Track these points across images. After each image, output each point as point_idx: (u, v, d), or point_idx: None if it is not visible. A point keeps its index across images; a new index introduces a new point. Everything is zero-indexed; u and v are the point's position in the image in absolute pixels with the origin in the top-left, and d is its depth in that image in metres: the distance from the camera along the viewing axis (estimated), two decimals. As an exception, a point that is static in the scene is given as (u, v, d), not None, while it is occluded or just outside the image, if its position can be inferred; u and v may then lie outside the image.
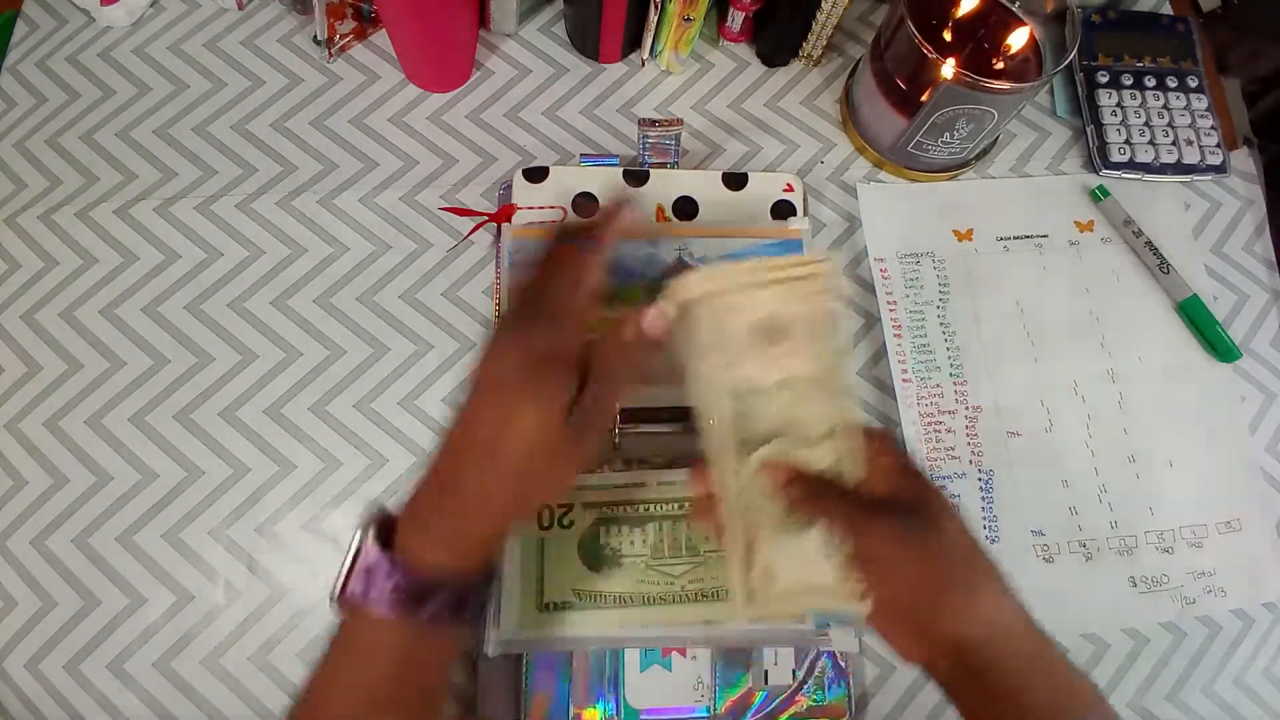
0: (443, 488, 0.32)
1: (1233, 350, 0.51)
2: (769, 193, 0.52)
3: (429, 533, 0.31)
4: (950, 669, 0.33)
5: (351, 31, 0.55)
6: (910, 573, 0.33)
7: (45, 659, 0.43)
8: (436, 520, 0.32)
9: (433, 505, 0.32)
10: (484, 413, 0.32)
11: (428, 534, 0.31)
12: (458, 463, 0.32)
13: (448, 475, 0.32)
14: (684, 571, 0.42)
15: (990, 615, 0.33)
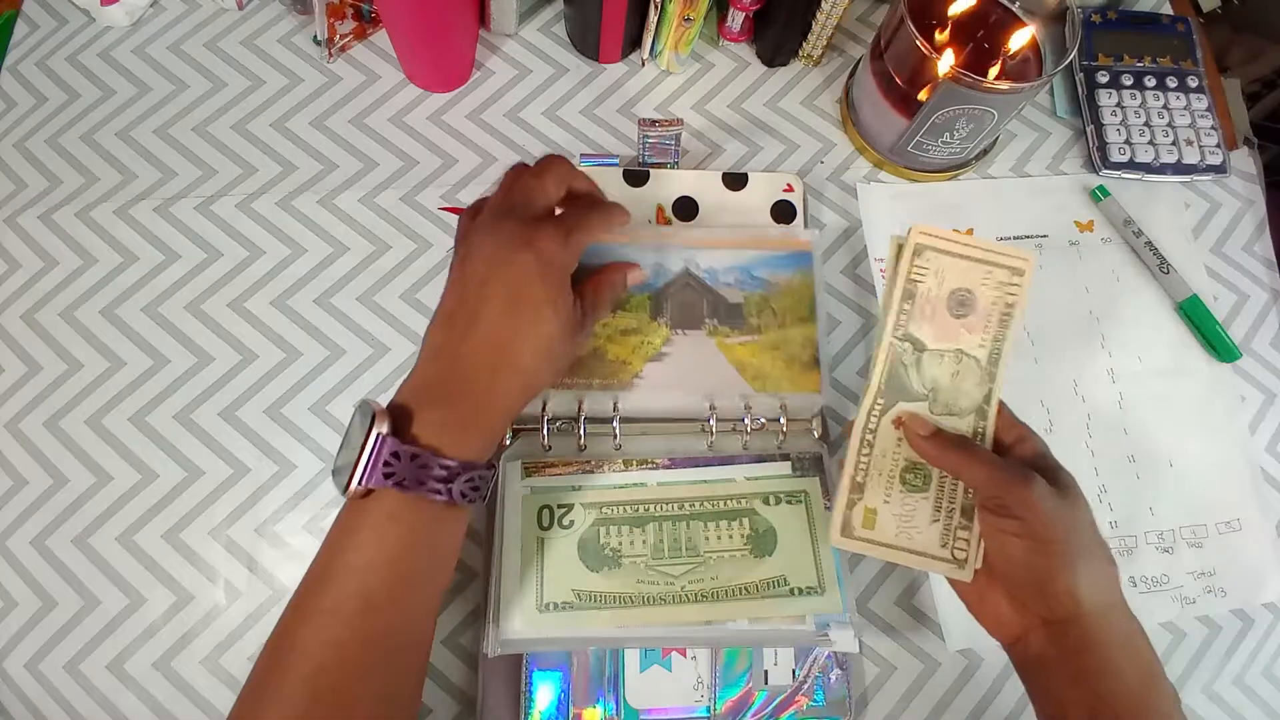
0: (456, 387, 0.34)
1: (1233, 350, 0.51)
2: (769, 193, 0.52)
3: (446, 427, 0.33)
4: (1044, 644, 0.34)
5: (351, 31, 0.55)
6: (1049, 534, 0.33)
7: (45, 659, 0.43)
8: (453, 416, 0.34)
9: (445, 402, 0.34)
10: (500, 318, 0.34)
11: (445, 428, 0.33)
12: (473, 365, 0.34)
13: (460, 375, 0.34)
14: (684, 571, 0.42)
15: (1103, 593, 0.34)
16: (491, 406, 0.35)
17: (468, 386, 0.34)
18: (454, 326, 0.35)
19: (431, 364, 0.35)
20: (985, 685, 0.45)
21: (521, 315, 0.34)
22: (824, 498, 0.44)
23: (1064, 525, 0.34)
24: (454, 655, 0.43)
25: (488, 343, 0.34)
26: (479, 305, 0.34)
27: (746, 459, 0.45)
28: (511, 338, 0.34)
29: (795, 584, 0.42)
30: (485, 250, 0.35)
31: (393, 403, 0.34)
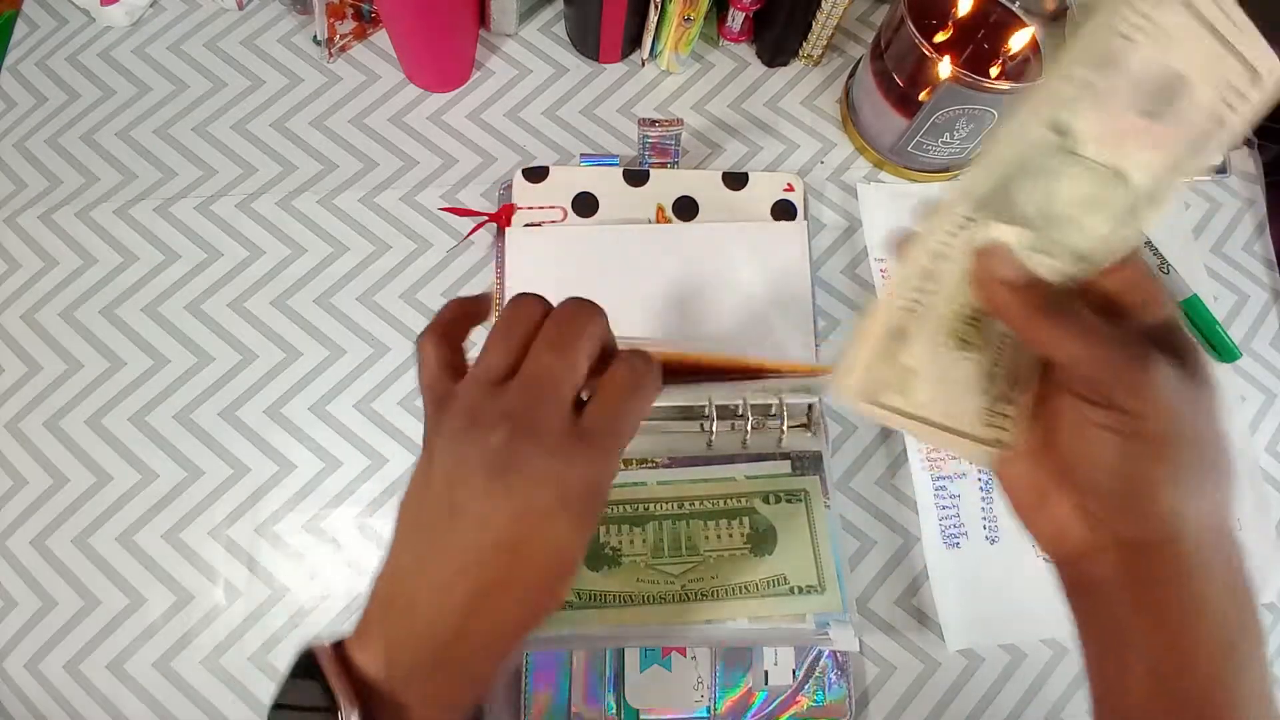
0: (446, 639, 0.25)
1: (1233, 350, 0.51)
2: (769, 192, 0.52)
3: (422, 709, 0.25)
4: (1115, 569, 0.27)
5: (351, 31, 0.55)
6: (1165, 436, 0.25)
7: (45, 659, 0.43)
8: (438, 680, 0.25)
9: (428, 664, 0.25)
10: (526, 595, 0.25)
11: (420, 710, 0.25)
12: (467, 606, 0.25)
13: (448, 623, 0.25)
14: (684, 570, 0.42)
15: (1210, 516, 0.26)
16: (483, 680, 0.27)
17: (459, 655, 0.25)
18: (441, 568, 0.25)
19: (407, 605, 0.25)
20: (985, 685, 0.45)
21: (557, 586, 0.26)
22: (824, 496, 0.44)
23: (1187, 424, 0.25)
24: (454, 655, 0.43)
25: (505, 622, 0.25)
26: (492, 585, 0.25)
27: (746, 458, 0.45)
28: (536, 611, 0.26)
29: (795, 583, 0.42)
30: (495, 503, 0.24)
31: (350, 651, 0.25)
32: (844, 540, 0.46)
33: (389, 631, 0.25)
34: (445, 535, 0.25)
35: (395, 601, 0.26)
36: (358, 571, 0.45)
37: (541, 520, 0.24)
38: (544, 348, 0.26)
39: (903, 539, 0.47)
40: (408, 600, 0.25)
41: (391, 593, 0.26)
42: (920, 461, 0.48)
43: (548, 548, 0.25)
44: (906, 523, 0.47)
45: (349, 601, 0.44)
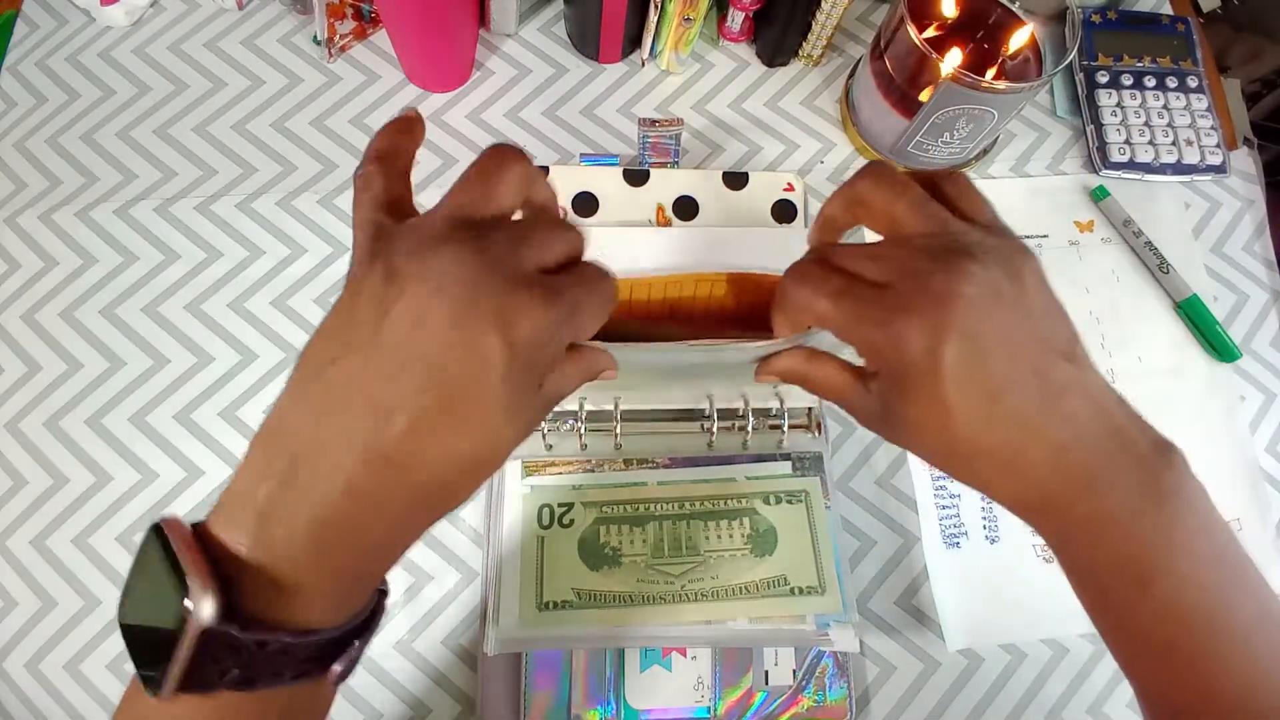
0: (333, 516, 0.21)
1: (1233, 350, 0.51)
2: (769, 192, 0.52)
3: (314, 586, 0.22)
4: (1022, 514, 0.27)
5: (351, 31, 0.55)
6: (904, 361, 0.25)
7: (45, 659, 0.43)
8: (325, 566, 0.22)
9: (314, 540, 0.21)
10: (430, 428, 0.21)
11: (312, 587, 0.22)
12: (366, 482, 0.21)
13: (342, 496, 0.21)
14: (684, 571, 0.42)
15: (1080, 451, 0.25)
16: (383, 547, 0.24)
17: (352, 514, 0.21)
18: (343, 410, 0.21)
19: (290, 465, 0.21)
20: (985, 685, 0.45)
21: (461, 426, 0.22)
22: (825, 497, 0.44)
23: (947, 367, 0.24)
24: (454, 655, 0.43)
25: (396, 452, 0.21)
26: (392, 390, 0.21)
27: (747, 458, 0.45)
28: (436, 453, 0.22)
29: (795, 583, 0.42)
30: (430, 305, 0.21)
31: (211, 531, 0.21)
32: (844, 540, 0.46)
33: (261, 498, 0.21)
34: (356, 371, 0.21)
35: (272, 463, 0.21)
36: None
37: (480, 367, 0.21)
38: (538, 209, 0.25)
39: (903, 539, 0.47)
40: (288, 460, 0.21)
41: (267, 454, 0.22)
42: (920, 461, 0.48)
43: (482, 402, 0.21)
44: (906, 523, 0.47)
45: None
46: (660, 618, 0.41)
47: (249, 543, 0.21)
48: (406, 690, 0.43)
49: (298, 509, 0.21)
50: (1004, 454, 0.25)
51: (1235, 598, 0.26)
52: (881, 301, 0.25)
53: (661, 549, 0.43)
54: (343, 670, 0.23)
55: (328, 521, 0.21)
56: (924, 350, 0.24)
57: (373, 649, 0.43)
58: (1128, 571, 0.26)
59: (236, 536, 0.21)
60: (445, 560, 0.45)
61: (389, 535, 0.23)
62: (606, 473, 0.44)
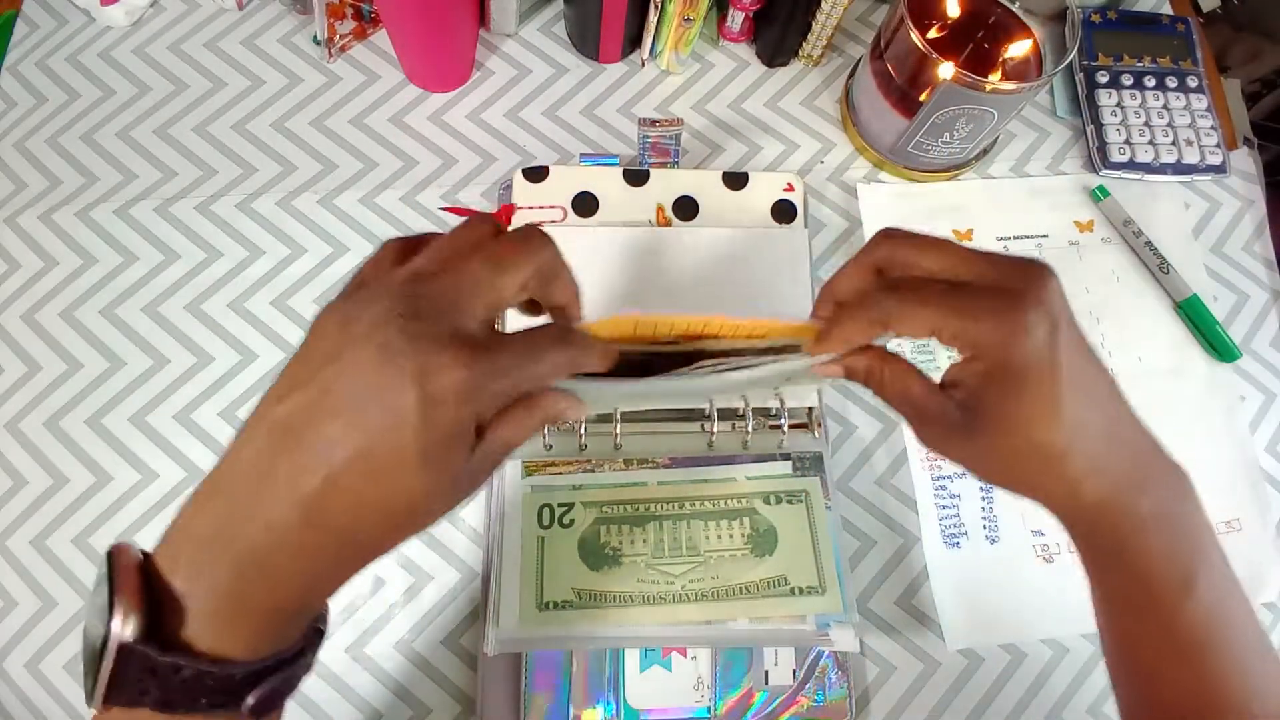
0: (251, 555, 0.22)
1: (1233, 350, 0.51)
2: (769, 193, 0.52)
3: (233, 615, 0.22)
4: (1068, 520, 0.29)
5: (351, 31, 0.55)
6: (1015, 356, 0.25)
7: (45, 659, 0.43)
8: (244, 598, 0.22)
9: (234, 573, 0.22)
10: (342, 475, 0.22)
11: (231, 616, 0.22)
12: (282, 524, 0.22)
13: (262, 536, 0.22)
14: (684, 571, 0.42)
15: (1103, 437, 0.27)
16: (306, 589, 0.24)
17: (273, 555, 0.22)
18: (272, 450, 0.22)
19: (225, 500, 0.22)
20: (985, 685, 0.45)
21: (377, 479, 0.22)
22: (825, 497, 0.44)
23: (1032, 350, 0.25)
24: (454, 655, 0.43)
25: (313, 498, 0.22)
26: (315, 434, 0.22)
27: (747, 459, 0.45)
28: (352, 505, 0.22)
29: (795, 584, 0.42)
30: (359, 353, 0.22)
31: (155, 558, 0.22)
32: (844, 540, 0.46)
33: (196, 532, 0.23)
34: (292, 415, 0.22)
35: (212, 499, 0.23)
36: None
37: (392, 418, 0.21)
38: (478, 257, 0.24)
39: (903, 539, 0.47)
40: (224, 498, 0.23)
41: (211, 489, 0.23)
42: (920, 461, 0.48)
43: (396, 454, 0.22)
44: (906, 523, 0.47)
45: (349, 600, 0.44)
46: (660, 618, 0.41)
47: (181, 573, 0.22)
48: (406, 690, 0.43)
49: (225, 546, 0.22)
50: (1094, 449, 0.26)
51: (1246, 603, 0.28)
52: (994, 296, 0.25)
53: (661, 549, 0.42)
54: (256, 703, 0.23)
55: (248, 560, 0.22)
56: (1041, 340, 0.25)
57: (373, 649, 0.43)
58: (1174, 569, 0.27)
59: (172, 566, 0.22)
60: (445, 560, 0.45)
61: (311, 578, 0.24)
62: (606, 473, 0.44)
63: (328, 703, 0.42)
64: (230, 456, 0.23)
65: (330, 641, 0.43)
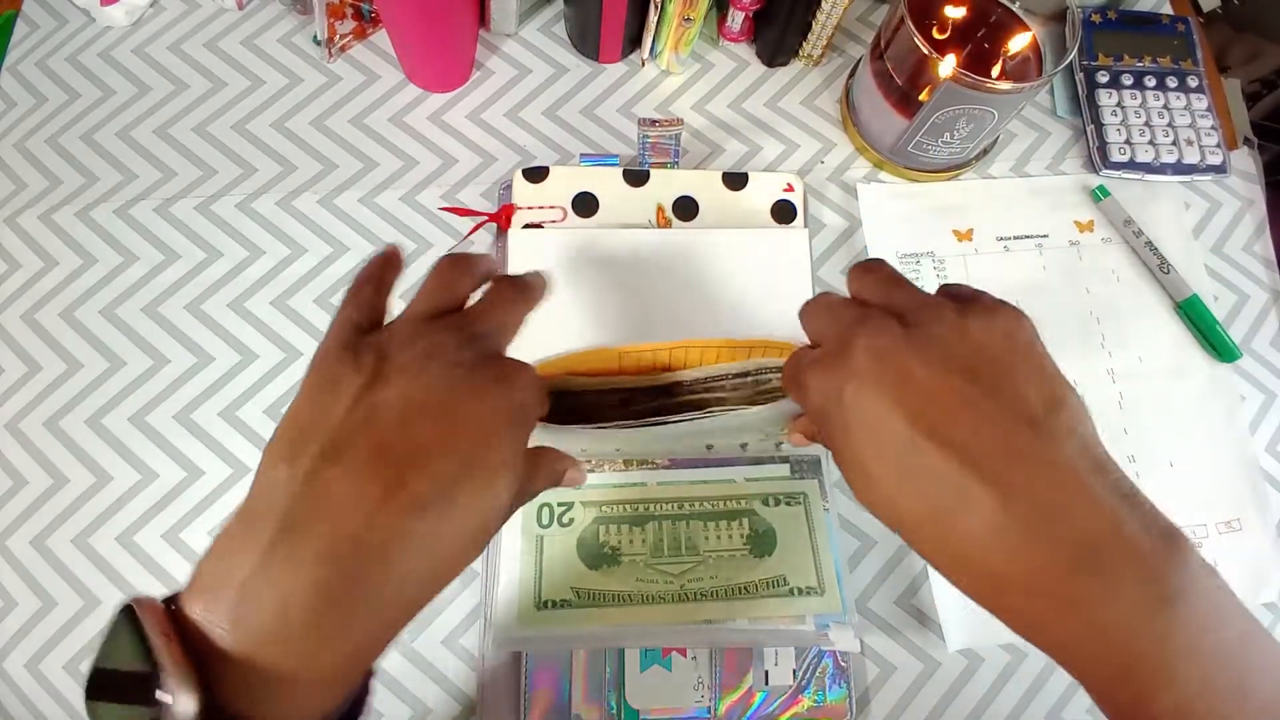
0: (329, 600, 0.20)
1: (1233, 350, 0.51)
2: (769, 193, 0.52)
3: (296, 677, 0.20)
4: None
5: (351, 31, 0.55)
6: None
7: (45, 659, 0.43)
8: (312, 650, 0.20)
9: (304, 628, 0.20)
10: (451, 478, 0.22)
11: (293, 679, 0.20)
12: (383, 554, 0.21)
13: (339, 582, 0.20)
14: (683, 571, 0.42)
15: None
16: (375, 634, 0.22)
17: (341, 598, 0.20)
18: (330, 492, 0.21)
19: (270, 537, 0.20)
20: (985, 685, 0.45)
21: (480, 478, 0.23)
22: (823, 499, 0.44)
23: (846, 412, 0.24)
24: (454, 655, 0.43)
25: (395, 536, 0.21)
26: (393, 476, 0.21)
27: (745, 461, 0.45)
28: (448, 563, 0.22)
29: (795, 584, 0.42)
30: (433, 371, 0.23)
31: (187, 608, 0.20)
32: (844, 540, 0.46)
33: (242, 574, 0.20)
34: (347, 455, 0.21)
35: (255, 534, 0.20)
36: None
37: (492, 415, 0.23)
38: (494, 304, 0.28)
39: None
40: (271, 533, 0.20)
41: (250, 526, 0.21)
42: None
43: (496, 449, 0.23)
44: (906, 523, 0.47)
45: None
46: (660, 617, 0.41)
47: (228, 626, 0.19)
48: (406, 690, 0.43)
49: (281, 587, 0.20)
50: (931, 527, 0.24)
51: (1251, 683, 0.22)
52: (804, 359, 0.26)
53: (661, 549, 0.43)
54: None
55: (314, 604, 0.20)
56: (831, 401, 0.24)
57: (373, 649, 0.43)
58: (1122, 687, 0.22)
59: (214, 618, 0.19)
60: (445, 560, 0.45)
61: (380, 619, 0.22)
62: (606, 473, 0.44)
63: (328, 703, 0.42)
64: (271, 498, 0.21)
65: (330, 641, 0.43)
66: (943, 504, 0.23)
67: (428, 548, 0.22)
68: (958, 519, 0.23)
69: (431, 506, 0.22)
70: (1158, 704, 0.21)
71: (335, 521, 0.20)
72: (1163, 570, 0.21)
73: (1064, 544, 0.22)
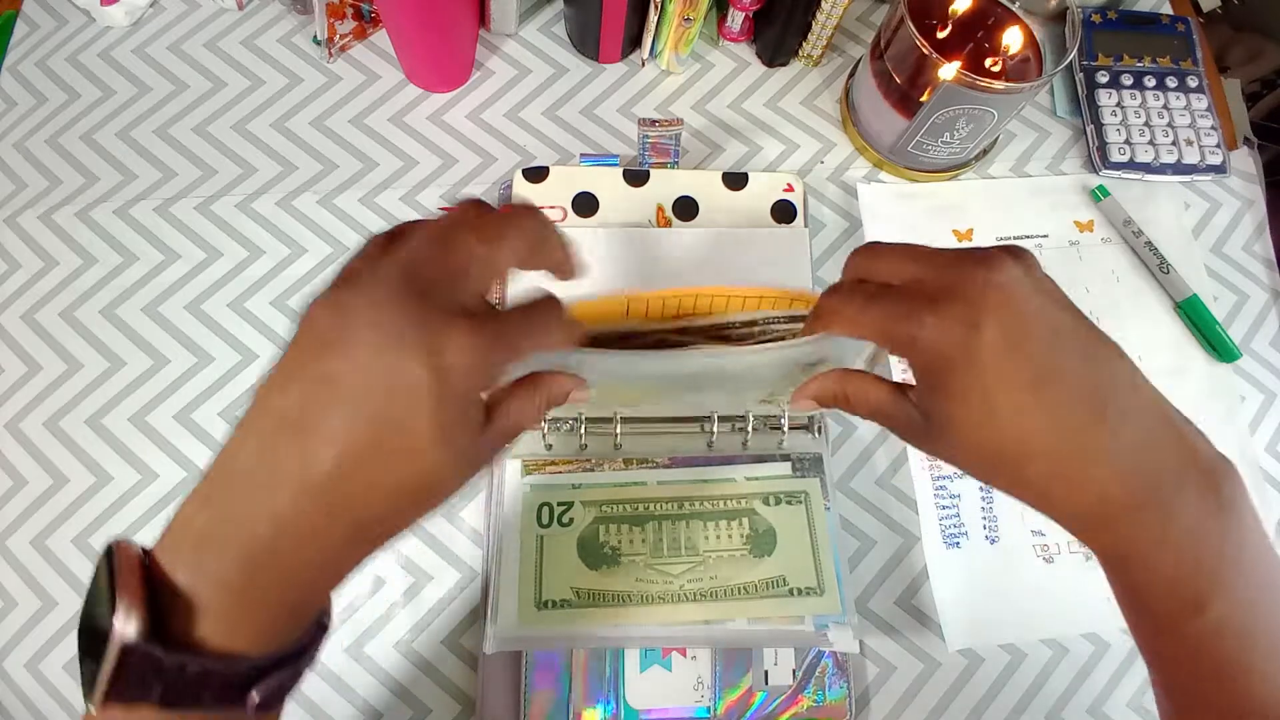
0: (261, 546, 0.22)
1: (1233, 350, 0.51)
2: (769, 193, 0.52)
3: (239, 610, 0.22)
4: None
5: (351, 31, 0.55)
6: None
7: (45, 659, 0.43)
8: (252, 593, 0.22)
9: (241, 568, 0.22)
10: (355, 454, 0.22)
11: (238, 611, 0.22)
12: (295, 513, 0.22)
13: (272, 526, 0.22)
14: (683, 571, 0.42)
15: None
16: (314, 579, 0.23)
17: (281, 546, 0.22)
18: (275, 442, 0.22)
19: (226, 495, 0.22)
20: (985, 685, 0.45)
21: (390, 458, 0.22)
22: (824, 499, 0.44)
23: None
24: (454, 655, 0.43)
25: (325, 485, 0.21)
26: (322, 422, 0.21)
27: (746, 459, 0.45)
28: (365, 486, 0.22)
29: (795, 584, 0.42)
30: (361, 337, 0.22)
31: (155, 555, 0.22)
32: (844, 540, 0.46)
33: (198, 526, 0.22)
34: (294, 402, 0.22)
35: (213, 492, 0.22)
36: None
37: (405, 396, 0.21)
38: (469, 233, 0.24)
39: (903, 539, 0.47)
40: (225, 490, 0.22)
41: (210, 483, 0.23)
42: (920, 461, 0.48)
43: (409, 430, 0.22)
44: (906, 523, 0.47)
45: (349, 600, 0.44)
46: (660, 617, 0.41)
47: (184, 569, 0.22)
48: (406, 690, 0.43)
49: (229, 539, 0.22)
50: (1058, 454, 0.24)
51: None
52: (915, 296, 0.25)
53: (660, 549, 0.43)
54: (263, 700, 0.22)
55: (255, 552, 0.22)
56: (960, 336, 0.24)
57: (373, 649, 0.43)
58: (1184, 591, 0.25)
59: (173, 561, 0.22)
60: (445, 560, 0.45)
61: (321, 568, 0.23)
62: (606, 472, 0.44)
63: (328, 703, 0.42)
64: (228, 451, 0.22)
65: (330, 641, 0.43)
66: (1065, 433, 0.24)
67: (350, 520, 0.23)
68: (1075, 447, 0.24)
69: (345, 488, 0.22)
70: (1209, 611, 0.24)
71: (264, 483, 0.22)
72: (1219, 482, 0.25)
73: (1163, 467, 0.24)
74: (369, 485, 0.22)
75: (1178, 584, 0.25)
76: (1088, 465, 0.24)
